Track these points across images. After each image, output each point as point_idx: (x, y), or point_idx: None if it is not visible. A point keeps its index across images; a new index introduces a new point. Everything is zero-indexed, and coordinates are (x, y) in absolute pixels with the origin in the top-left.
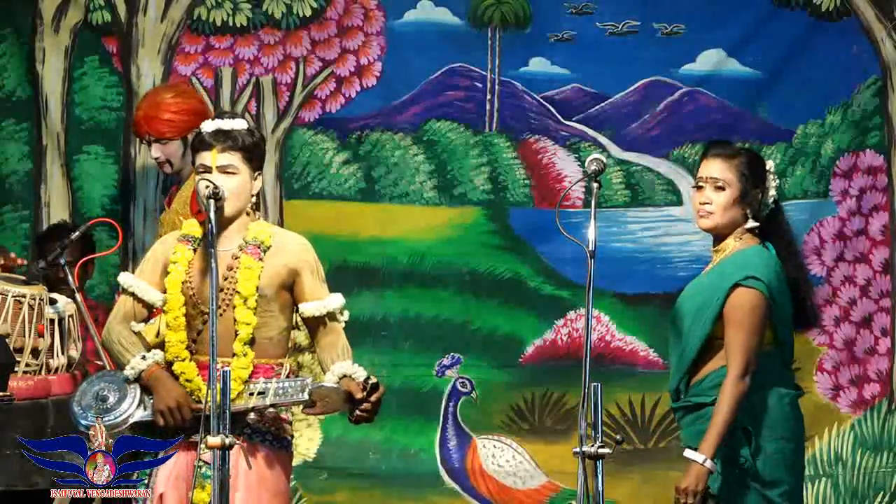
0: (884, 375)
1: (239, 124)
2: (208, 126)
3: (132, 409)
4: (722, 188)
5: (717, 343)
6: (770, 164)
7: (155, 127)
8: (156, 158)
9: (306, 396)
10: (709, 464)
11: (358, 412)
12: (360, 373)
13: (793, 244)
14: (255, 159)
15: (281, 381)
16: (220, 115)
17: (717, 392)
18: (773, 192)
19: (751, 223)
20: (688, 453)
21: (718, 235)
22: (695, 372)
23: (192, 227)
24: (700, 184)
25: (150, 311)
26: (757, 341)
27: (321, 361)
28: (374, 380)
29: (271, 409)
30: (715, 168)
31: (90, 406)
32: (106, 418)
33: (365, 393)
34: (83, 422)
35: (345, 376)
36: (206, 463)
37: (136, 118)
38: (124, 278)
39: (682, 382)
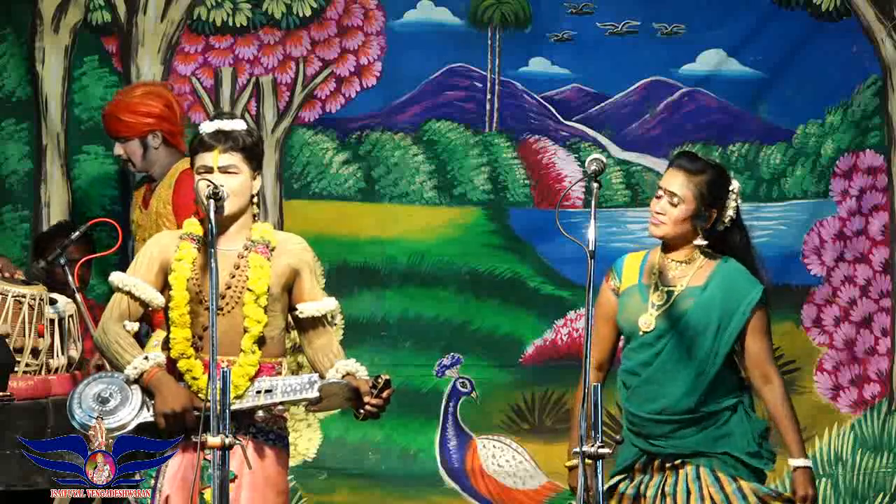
0: (884, 375)
1: (238, 125)
2: (208, 127)
3: (135, 413)
4: (678, 203)
5: (729, 358)
6: (735, 185)
7: (112, 125)
8: (118, 156)
9: (316, 393)
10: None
11: (367, 408)
12: (362, 371)
13: (748, 260)
14: (254, 159)
15: (287, 379)
16: (218, 115)
17: (727, 399)
18: (731, 212)
19: (699, 241)
20: (796, 462)
21: (671, 244)
22: (711, 386)
23: (194, 226)
24: (660, 192)
25: (146, 309)
26: None
27: (314, 362)
28: (385, 376)
29: (280, 407)
30: (676, 182)
31: (91, 408)
32: (108, 421)
33: (375, 390)
34: (82, 423)
35: (348, 374)
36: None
37: (102, 114)
38: (117, 277)
39: (698, 398)
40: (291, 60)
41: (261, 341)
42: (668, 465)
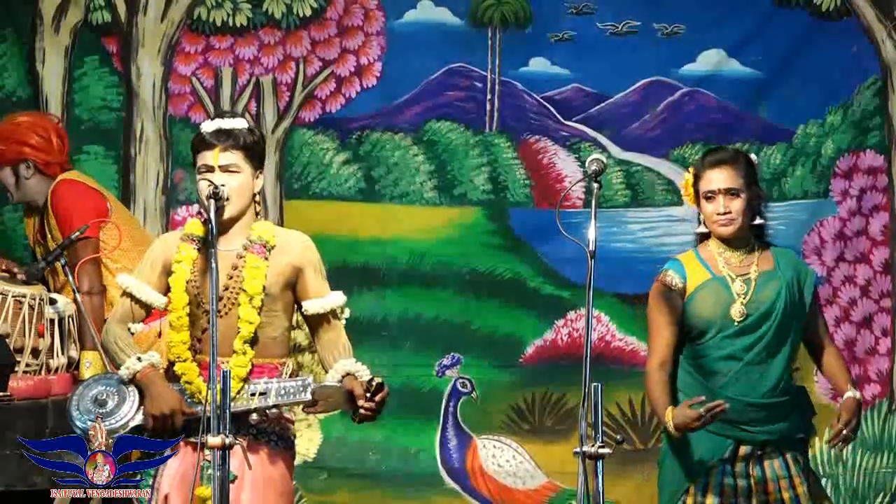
0: (884, 376)
1: (239, 123)
2: (208, 126)
3: (132, 414)
4: (736, 195)
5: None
6: (755, 159)
7: None
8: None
9: (309, 396)
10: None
11: (361, 411)
12: (362, 371)
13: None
14: (256, 158)
15: (282, 382)
16: (220, 114)
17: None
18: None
19: (758, 220)
20: (851, 392)
21: (739, 238)
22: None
23: (195, 227)
24: (710, 195)
25: (149, 312)
26: None
27: (322, 359)
28: (378, 380)
29: (274, 410)
30: (725, 177)
31: (89, 410)
32: (105, 423)
33: (369, 393)
34: (82, 426)
35: (348, 374)
36: (210, 463)
37: None
38: (123, 279)
39: (789, 378)
40: (292, 60)
41: (254, 341)
42: (757, 453)
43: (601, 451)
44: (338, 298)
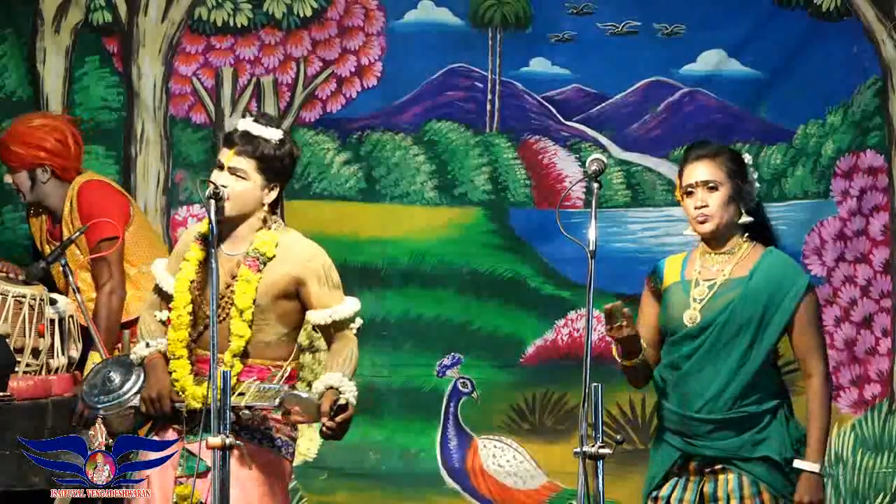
0: (884, 376)
1: (269, 133)
2: (241, 124)
3: (131, 393)
4: (714, 188)
5: (772, 351)
6: (748, 158)
7: (2, 154)
8: (8, 184)
9: (276, 403)
10: (821, 470)
11: (323, 429)
12: (346, 387)
13: (777, 241)
14: (271, 171)
15: (263, 385)
16: (259, 117)
17: (769, 402)
18: (756, 184)
19: (745, 218)
20: (799, 464)
21: (719, 237)
22: (752, 384)
23: (206, 227)
24: (690, 189)
25: (169, 301)
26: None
27: (326, 366)
28: (343, 401)
29: (246, 412)
30: (703, 170)
31: (96, 385)
32: (109, 398)
33: (332, 412)
34: (87, 400)
35: (330, 388)
36: (190, 454)
37: None
38: (153, 266)
39: (738, 395)
40: (292, 60)
41: (246, 355)
42: (706, 469)
43: (601, 451)
44: (343, 310)
